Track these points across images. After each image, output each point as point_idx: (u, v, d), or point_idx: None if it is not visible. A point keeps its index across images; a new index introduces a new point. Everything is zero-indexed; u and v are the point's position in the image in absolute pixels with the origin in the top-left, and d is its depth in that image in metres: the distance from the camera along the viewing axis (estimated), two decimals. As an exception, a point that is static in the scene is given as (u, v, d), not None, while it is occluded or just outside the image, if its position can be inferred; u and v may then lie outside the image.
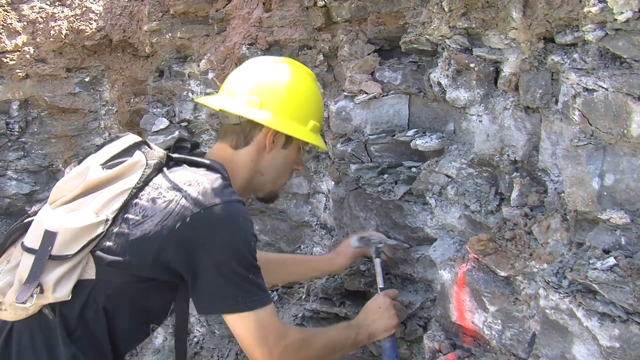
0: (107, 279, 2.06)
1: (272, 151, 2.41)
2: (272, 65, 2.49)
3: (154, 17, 4.62)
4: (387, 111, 2.98)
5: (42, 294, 1.98)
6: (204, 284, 2.05)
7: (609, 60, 1.82)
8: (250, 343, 2.09)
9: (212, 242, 2.03)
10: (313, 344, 2.29)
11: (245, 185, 2.43)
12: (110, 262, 2.03)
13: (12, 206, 5.47)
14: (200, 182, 2.10)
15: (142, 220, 2.05)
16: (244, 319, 2.06)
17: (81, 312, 2.06)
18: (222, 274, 2.03)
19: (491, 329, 2.22)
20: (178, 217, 2.02)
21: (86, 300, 2.05)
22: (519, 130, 2.28)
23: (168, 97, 4.83)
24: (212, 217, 2.03)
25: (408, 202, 2.85)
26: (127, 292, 2.10)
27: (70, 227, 2.01)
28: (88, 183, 2.10)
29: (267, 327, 2.08)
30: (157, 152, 2.23)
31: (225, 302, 2.05)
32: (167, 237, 2.02)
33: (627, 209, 1.79)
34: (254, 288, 2.08)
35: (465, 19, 2.43)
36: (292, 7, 3.52)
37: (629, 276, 1.68)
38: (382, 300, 2.57)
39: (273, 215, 4.01)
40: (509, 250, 2.20)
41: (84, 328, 2.07)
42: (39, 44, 5.14)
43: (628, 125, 1.74)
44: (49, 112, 5.40)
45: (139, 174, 2.12)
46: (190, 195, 2.05)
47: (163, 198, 2.07)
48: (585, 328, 1.79)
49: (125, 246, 2.03)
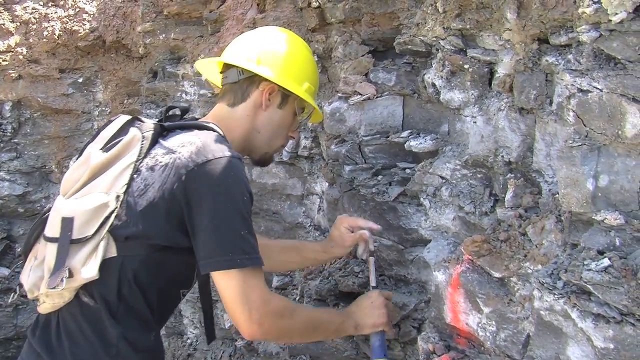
0: (130, 253, 2.10)
1: (268, 109, 2.43)
2: (268, 31, 2.60)
3: (147, 18, 4.61)
4: (381, 112, 2.97)
5: (72, 278, 2.04)
6: (200, 241, 2.06)
7: (604, 61, 1.82)
8: (232, 301, 2.06)
9: (207, 197, 2.04)
10: (296, 316, 2.25)
11: (242, 142, 2.44)
12: (127, 235, 2.08)
13: (4, 207, 5.46)
14: (193, 141, 2.13)
15: (144, 189, 2.09)
16: (230, 276, 2.05)
17: (119, 291, 2.10)
18: (216, 229, 2.03)
19: (485, 330, 2.22)
20: (175, 177, 2.06)
21: (119, 279, 2.09)
22: (513, 131, 2.28)
23: (162, 98, 4.83)
24: (205, 172, 2.05)
25: (402, 203, 2.84)
26: (152, 263, 2.13)
27: (85, 209, 2.07)
28: (93, 167, 2.15)
29: (251, 289, 2.06)
30: (150, 124, 2.26)
31: (216, 258, 2.04)
32: (169, 199, 2.06)
33: (621, 209, 1.79)
34: (246, 246, 2.06)
35: (460, 20, 2.43)
36: (286, 8, 3.52)
37: (624, 277, 1.68)
38: (375, 297, 2.55)
39: (267, 217, 4.00)
40: (504, 252, 2.19)
41: (125, 306, 2.12)
42: (32, 45, 5.13)
43: (622, 126, 1.73)
44: (42, 113, 5.40)
45: (138, 148, 2.16)
46: (184, 155, 2.08)
47: (160, 164, 2.11)
48: (580, 329, 1.79)
49: (136, 217, 2.07)
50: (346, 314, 2.50)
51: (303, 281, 3.33)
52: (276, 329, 2.18)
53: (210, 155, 2.08)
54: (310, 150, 3.55)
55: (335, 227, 2.79)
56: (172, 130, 2.27)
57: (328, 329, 2.44)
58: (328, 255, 2.85)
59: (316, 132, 3.45)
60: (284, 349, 3.39)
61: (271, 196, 3.94)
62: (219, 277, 2.07)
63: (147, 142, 2.18)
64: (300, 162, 3.70)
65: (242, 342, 3.89)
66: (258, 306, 2.07)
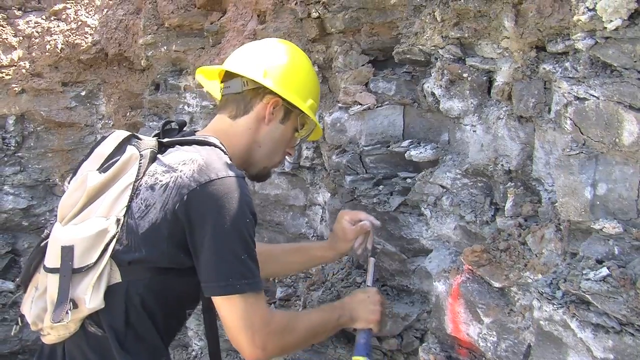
0: (134, 278, 2.05)
1: (270, 123, 2.39)
2: (273, 43, 2.55)
3: (149, 31, 4.62)
4: (382, 122, 2.97)
5: (77, 309, 1.99)
6: (201, 263, 2.02)
7: (600, 69, 1.80)
8: (234, 327, 2.03)
9: (209, 219, 1.99)
10: (297, 329, 2.23)
11: (243, 156, 2.40)
12: (130, 260, 2.03)
13: (9, 221, 5.47)
14: (195, 159, 2.07)
15: (146, 210, 2.03)
16: (231, 301, 2.01)
17: (127, 319, 2.05)
18: (216, 252, 1.99)
19: (486, 340, 2.20)
20: (177, 197, 2.00)
21: (125, 305, 2.05)
22: (513, 139, 2.27)
23: (164, 110, 4.83)
24: (208, 192, 2.00)
25: (403, 213, 2.83)
26: (157, 286, 2.09)
27: (84, 237, 2.01)
28: (89, 191, 2.09)
29: (253, 313, 2.03)
30: (148, 141, 2.20)
31: (216, 283, 2.00)
32: (171, 220, 2.01)
33: (620, 218, 1.77)
34: (246, 271, 2.02)
35: (458, 29, 2.43)
36: (286, 18, 3.51)
37: (622, 286, 1.66)
38: (372, 293, 2.54)
39: (270, 228, 4.00)
40: (504, 261, 2.18)
41: (133, 334, 2.07)
42: (35, 59, 5.16)
43: (619, 133, 1.72)
44: (45, 126, 5.41)
45: (136, 167, 2.10)
46: (186, 174, 2.03)
47: (160, 183, 2.05)
48: (580, 339, 1.77)
49: (138, 241, 2.02)
50: (340, 307, 2.47)
51: (306, 292, 3.32)
52: (280, 348, 2.16)
53: (214, 174, 2.03)
54: (312, 161, 3.55)
55: (337, 221, 2.75)
56: (171, 146, 2.21)
57: (327, 329, 2.42)
58: (334, 251, 2.80)
59: (318, 143, 3.44)
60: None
61: (274, 207, 3.94)
62: (219, 301, 2.04)
63: (145, 161, 2.12)
64: (303, 173, 3.69)
65: (246, 354, 3.87)
66: (261, 329, 2.05)
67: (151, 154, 2.14)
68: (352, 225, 2.69)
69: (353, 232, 2.68)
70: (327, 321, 2.39)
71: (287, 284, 3.68)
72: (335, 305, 2.55)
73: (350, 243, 2.72)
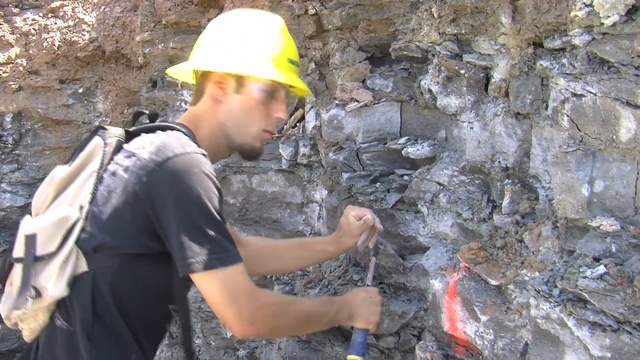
0: (101, 266, 2.00)
1: (225, 98, 2.26)
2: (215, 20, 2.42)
3: (146, 28, 4.61)
4: (379, 119, 2.96)
5: (40, 297, 1.96)
6: (171, 245, 1.96)
7: (597, 65, 1.79)
8: (218, 303, 1.98)
9: (170, 198, 1.93)
10: (289, 313, 2.19)
11: (214, 140, 2.28)
12: (95, 247, 1.99)
13: (6, 219, 5.46)
14: (153, 142, 2.02)
15: (108, 196, 1.99)
16: (207, 278, 1.95)
17: (94, 309, 2.00)
18: (183, 230, 1.92)
19: (483, 339, 2.19)
20: (136, 179, 1.95)
21: (93, 296, 1.99)
22: (510, 136, 2.26)
23: (161, 107, 4.82)
24: (167, 171, 1.94)
25: (400, 210, 2.82)
26: (126, 275, 2.03)
27: (46, 224, 1.98)
28: (57, 183, 2.07)
29: (234, 287, 1.97)
30: (114, 130, 2.16)
31: (187, 261, 1.93)
32: (132, 202, 1.96)
33: (617, 215, 1.76)
34: (215, 246, 1.95)
35: (455, 25, 2.41)
36: (283, 15, 3.48)
37: (620, 284, 1.65)
38: (374, 293, 2.51)
39: (267, 225, 3.99)
40: (500, 259, 2.17)
41: (101, 326, 2.01)
42: (32, 56, 5.14)
43: (617, 130, 1.71)
44: (42, 124, 5.40)
45: (100, 155, 2.06)
46: (144, 157, 1.98)
47: (121, 168, 2.01)
48: (577, 338, 1.76)
49: (102, 226, 1.98)
50: (340, 303, 2.43)
51: (303, 290, 3.31)
52: (269, 325, 2.12)
53: (170, 152, 1.96)
54: (309, 158, 3.53)
55: (343, 216, 2.70)
56: (137, 134, 2.16)
57: (321, 321, 2.36)
58: (338, 246, 2.74)
59: (315, 140, 3.43)
60: (285, 358, 3.37)
61: (271, 204, 3.93)
62: (197, 280, 1.98)
63: (109, 149, 2.08)
64: (300, 170, 3.68)
65: (244, 352, 3.87)
66: (248, 304, 1.99)
67: (117, 143, 2.10)
68: (357, 220, 2.66)
69: (358, 228, 2.65)
70: (324, 313, 2.35)
71: (285, 282, 3.68)
72: (335, 300, 2.52)
73: (354, 239, 2.68)
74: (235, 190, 4.03)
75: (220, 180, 3.94)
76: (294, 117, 3.63)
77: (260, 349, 3.76)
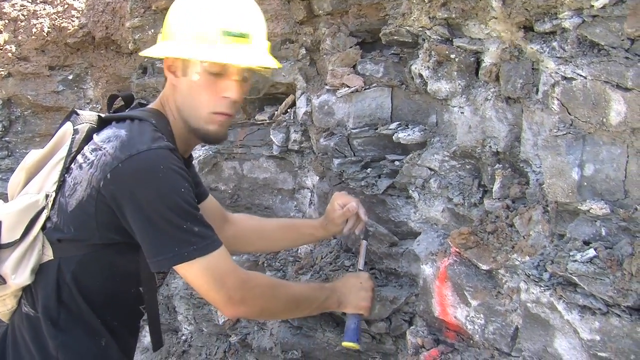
0: (67, 255, 2.02)
1: (179, 82, 2.17)
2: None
3: (136, 14, 4.57)
4: (370, 104, 2.94)
5: (5, 284, 2.00)
6: (143, 239, 1.95)
7: (587, 48, 1.79)
8: (206, 289, 2.00)
9: (137, 194, 1.91)
10: (279, 295, 2.21)
11: (176, 124, 2.21)
12: (60, 237, 2.00)
13: (-3, 206, 5.43)
14: (119, 135, 1.98)
15: (74, 187, 1.99)
16: (190, 268, 1.95)
17: (58, 298, 2.02)
18: (154, 226, 1.91)
19: (474, 323, 2.19)
20: (100, 175, 1.92)
21: (57, 284, 2.01)
22: (501, 121, 2.25)
23: (152, 94, 4.78)
24: (130, 168, 1.91)
25: (391, 196, 2.82)
26: (90, 262, 2.03)
27: (11, 212, 1.99)
28: (27, 169, 2.09)
29: (219, 271, 1.98)
30: (86, 116, 2.14)
31: (165, 255, 1.93)
32: (97, 198, 1.94)
33: (607, 199, 1.76)
34: (191, 237, 1.94)
35: (445, 9, 2.40)
36: (273, 1, 3.48)
37: (609, 267, 1.66)
38: (365, 278, 2.52)
39: (259, 212, 3.98)
40: (491, 244, 2.17)
41: (66, 313, 2.04)
42: (21, 42, 5.09)
43: (607, 113, 1.71)
44: (32, 110, 5.36)
45: (69, 143, 2.06)
46: (109, 152, 1.94)
47: (87, 161, 1.99)
48: (566, 321, 1.76)
49: (67, 218, 1.99)
50: (330, 289, 2.45)
51: (294, 276, 3.31)
52: (259, 305, 2.14)
53: (134, 149, 1.92)
54: (300, 144, 3.52)
55: (330, 203, 2.70)
56: (108, 122, 2.12)
57: (311, 306, 2.37)
58: (324, 231, 2.76)
59: (306, 126, 3.42)
60: (277, 344, 3.37)
61: (262, 191, 3.92)
62: (181, 272, 1.99)
63: (79, 136, 2.06)
64: (291, 156, 3.67)
65: (236, 338, 3.87)
66: (236, 287, 2.02)
67: (88, 131, 2.09)
68: (341, 208, 2.66)
69: (341, 216, 2.65)
70: (313, 298, 2.36)
71: (276, 268, 3.67)
72: (325, 286, 2.52)
73: (339, 227, 2.69)
74: (226, 176, 4.01)
75: (211, 166, 3.97)
76: (284, 103, 3.61)
77: (252, 335, 3.76)
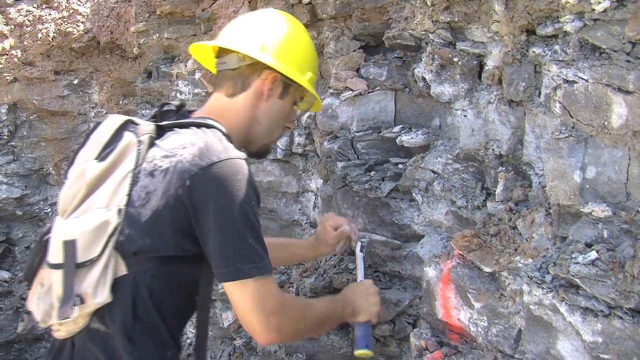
0: (141, 269, 1.98)
1: (269, 99, 2.28)
2: (270, 14, 2.41)
3: (141, 18, 4.60)
4: (373, 107, 2.95)
5: (84, 304, 1.93)
6: (209, 250, 1.96)
7: (589, 51, 1.79)
8: (247, 311, 1.98)
9: (213, 204, 1.93)
10: (309, 316, 2.21)
11: (243, 134, 2.29)
12: (135, 251, 1.96)
13: (3, 210, 5.47)
14: (194, 142, 2.00)
15: (146, 197, 1.96)
16: (242, 286, 1.95)
17: (134, 312, 1.99)
18: (224, 236, 1.93)
19: (477, 325, 2.20)
20: (179, 183, 1.93)
21: (133, 298, 1.98)
22: (503, 124, 2.26)
23: (157, 98, 4.82)
24: (210, 176, 1.93)
25: (395, 199, 2.82)
26: (164, 276, 2.02)
27: (86, 230, 1.94)
28: (89, 182, 2.02)
29: (265, 296, 1.98)
30: (145, 126, 2.12)
31: (225, 269, 1.94)
32: (173, 206, 1.94)
33: (609, 201, 1.77)
34: (254, 254, 1.96)
35: (448, 13, 2.41)
36: (277, 4, 3.49)
37: (611, 270, 1.66)
38: (369, 284, 2.52)
39: (263, 215, 3.99)
40: (494, 246, 2.17)
41: (141, 327, 2.00)
42: (27, 47, 5.13)
43: (608, 116, 1.71)
44: (38, 115, 5.40)
45: (135, 154, 2.02)
46: (186, 159, 1.96)
47: (160, 168, 1.98)
48: (569, 323, 1.77)
49: (141, 230, 1.95)
50: (343, 300, 2.44)
51: (299, 279, 3.32)
52: (293, 332, 2.13)
53: (215, 157, 1.95)
54: (304, 147, 3.53)
55: (320, 224, 2.75)
56: (169, 129, 2.12)
57: (333, 321, 2.41)
58: (315, 252, 2.80)
59: (310, 129, 3.43)
60: (281, 347, 3.37)
61: (267, 194, 3.93)
62: (230, 287, 1.97)
63: (144, 147, 2.04)
64: (295, 160, 3.68)
65: (241, 341, 3.88)
66: (275, 312, 2.00)
67: (149, 139, 2.07)
68: (334, 230, 2.68)
69: (334, 238, 2.68)
70: (333, 312, 2.37)
71: (281, 271, 3.69)
72: (337, 298, 2.50)
73: (331, 247, 2.73)
74: (230, 180, 4.02)
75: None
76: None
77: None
